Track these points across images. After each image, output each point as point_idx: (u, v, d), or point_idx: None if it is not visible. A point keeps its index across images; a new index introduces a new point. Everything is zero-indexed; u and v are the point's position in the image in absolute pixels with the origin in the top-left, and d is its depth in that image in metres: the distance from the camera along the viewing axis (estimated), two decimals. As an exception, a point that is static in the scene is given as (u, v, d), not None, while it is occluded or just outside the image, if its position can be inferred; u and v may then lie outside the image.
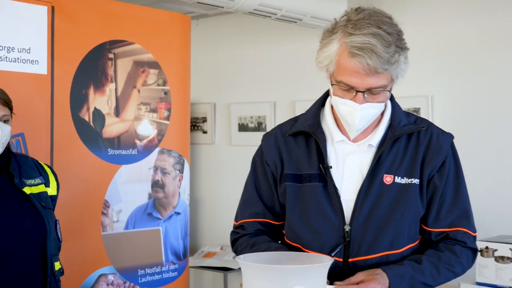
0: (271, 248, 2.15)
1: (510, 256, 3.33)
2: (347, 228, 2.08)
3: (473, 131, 4.21)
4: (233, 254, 3.21)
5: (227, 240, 2.91)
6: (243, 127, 5.37)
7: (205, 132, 5.67)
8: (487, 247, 3.40)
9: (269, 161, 2.23)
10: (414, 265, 2.07)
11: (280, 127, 2.29)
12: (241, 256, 1.84)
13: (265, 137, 2.30)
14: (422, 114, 4.35)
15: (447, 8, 4.34)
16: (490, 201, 4.09)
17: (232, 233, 2.34)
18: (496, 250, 3.37)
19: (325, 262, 1.78)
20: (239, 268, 2.34)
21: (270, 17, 4.33)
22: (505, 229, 3.94)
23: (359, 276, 2.01)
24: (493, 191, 4.10)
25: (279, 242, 2.27)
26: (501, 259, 3.36)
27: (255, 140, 3.39)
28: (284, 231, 2.25)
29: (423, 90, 4.42)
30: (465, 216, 2.18)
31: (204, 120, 5.66)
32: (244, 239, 2.26)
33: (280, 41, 5.18)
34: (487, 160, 4.15)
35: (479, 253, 3.39)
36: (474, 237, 2.20)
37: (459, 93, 4.29)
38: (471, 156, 4.20)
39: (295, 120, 2.28)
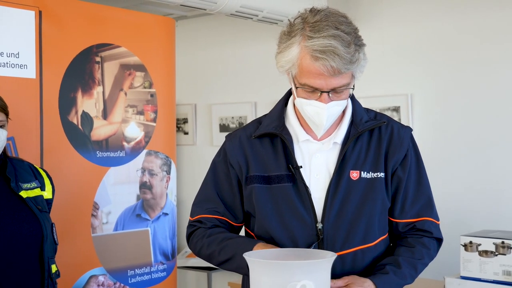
0: (232, 236, 2.19)
1: (493, 250, 3.40)
2: (319, 225, 2.11)
3: (453, 129, 4.28)
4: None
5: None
6: (224, 128, 5.41)
7: (186, 133, 5.71)
8: (471, 242, 3.47)
9: (233, 162, 2.24)
10: (396, 271, 2.12)
11: (244, 129, 2.30)
12: (248, 253, 1.89)
13: (228, 139, 2.30)
14: (402, 113, 4.43)
15: (425, 6, 4.41)
16: (471, 197, 4.17)
17: (189, 226, 2.33)
18: (480, 244, 3.44)
19: (329, 257, 1.83)
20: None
21: (251, 18, 4.37)
22: (486, 224, 4.03)
23: (345, 279, 2.05)
24: (473, 187, 4.18)
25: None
26: (484, 253, 3.42)
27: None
28: (252, 233, 2.27)
29: (403, 88, 4.49)
30: (429, 205, 2.25)
31: (185, 121, 5.70)
32: (201, 230, 2.27)
33: (261, 41, 5.23)
34: (466, 157, 4.22)
35: (463, 248, 3.50)
36: (438, 226, 2.27)
37: (438, 91, 4.36)
38: (451, 153, 4.28)
39: (258, 122, 2.29)
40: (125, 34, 3.68)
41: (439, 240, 2.28)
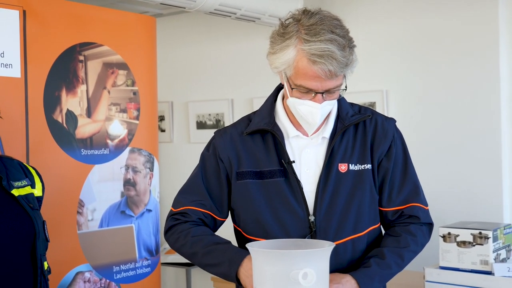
0: (219, 241, 2.22)
1: (471, 240, 3.48)
2: (311, 218, 2.18)
3: (428, 124, 4.35)
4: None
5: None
6: (201, 125, 5.45)
7: (163, 131, 5.73)
8: (449, 233, 3.55)
9: (223, 157, 2.29)
10: (379, 262, 2.18)
11: (234, 126, 2.35)
12: (250, 244, 1.95)
13: (219, 134, 2.35)
14: (378, 108, 4.50)
15: (400, 4, 4.45)
16: (446, 191, 4.24)
17: (171, 219, 2.35)
18: (458, 235, 3.52)
19: (328, 246, 1.90)
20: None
21: (230, 16, 4.41)
22: (462, 216, 4.12)
23: None
24: (448, 181, 4.25)
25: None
26: (462, 244, 3.50)
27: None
28: (240, 229, 2.32)
29: (378, 84, 4.55)
30: (415, 191, 2.32)
31: (162, 118, 5.72)
32: (184, 226, 2.29)
33: (237, 39, 5.27)
34: (441, 152, 4.29)
35: (441, 239, 3.58)
36: (427, 211, 2.34)
37: (413, 87, 4.43)
38: (426, 148, 4.35)
39: (248, 119, 2.35)
40: (108, 33, 3.71)
41: (429, 225, 2.35)
